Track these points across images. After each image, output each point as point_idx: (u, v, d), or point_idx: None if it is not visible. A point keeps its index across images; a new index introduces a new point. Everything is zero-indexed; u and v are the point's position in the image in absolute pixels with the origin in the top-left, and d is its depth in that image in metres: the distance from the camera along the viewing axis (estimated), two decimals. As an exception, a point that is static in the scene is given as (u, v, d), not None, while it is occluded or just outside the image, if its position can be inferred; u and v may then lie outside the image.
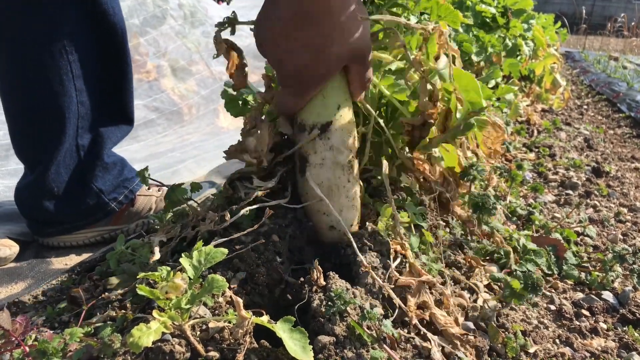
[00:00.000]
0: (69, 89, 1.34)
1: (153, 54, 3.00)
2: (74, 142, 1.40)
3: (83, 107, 1.38)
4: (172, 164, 2.26)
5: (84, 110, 1.39)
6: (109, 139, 1.47)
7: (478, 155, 2.17)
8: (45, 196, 1.40)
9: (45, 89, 1.32)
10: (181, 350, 0.75)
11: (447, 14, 1.34)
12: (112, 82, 1.47)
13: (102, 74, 1.42)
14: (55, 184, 1.39)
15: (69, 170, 1.41)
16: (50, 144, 1.36)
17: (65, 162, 1.40)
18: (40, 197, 1.41)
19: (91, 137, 1.44)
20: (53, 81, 1.31)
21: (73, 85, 1.34)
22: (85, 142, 1.42)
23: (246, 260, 1.00)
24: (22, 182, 1.45)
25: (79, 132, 1.40)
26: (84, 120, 1.40)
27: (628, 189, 2.32)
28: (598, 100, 4.89)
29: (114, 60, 1.44)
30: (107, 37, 1.39)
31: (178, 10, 3.29)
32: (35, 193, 1.41)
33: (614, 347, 1.12)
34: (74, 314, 1.04)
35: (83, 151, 1.42)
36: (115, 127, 1.50)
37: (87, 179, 1.44)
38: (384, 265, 1.03)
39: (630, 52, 9.40)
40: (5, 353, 0.79)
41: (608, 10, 14.10)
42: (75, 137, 1.40)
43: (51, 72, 1.31)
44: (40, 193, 1.40)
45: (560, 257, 1.44)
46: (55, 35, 1.29)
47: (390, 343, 0.87)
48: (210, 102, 3.01)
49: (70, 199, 1.43)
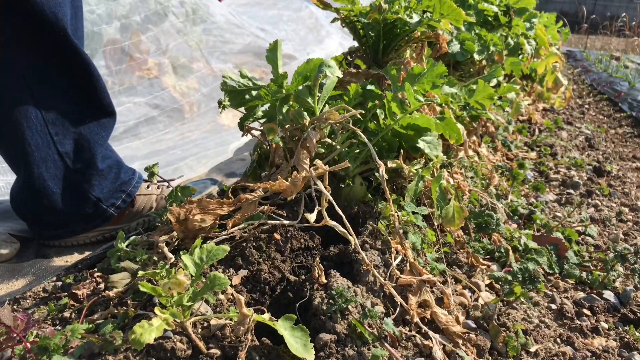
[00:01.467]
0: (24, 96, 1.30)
1: (154, 52, 2.99)
2: (53, 150, 1.36)
3: (50, 112, 1.34)
4: (173, 161, 2.25)
5: (53, 115, 1.35)
6: (96, 142, 1.44)
7: (480, 155, 2.17)
8: (36, 204, 1.38)
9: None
10: (182, 347, 0.75)
11: (450, 12, 1.34)
12: (78, 83, 1.41)
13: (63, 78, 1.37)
14: (44, 194, 1.36)
15: (57, 179, 1.38)
16: (18, 152, 1.34)
17: (49, 171, 1.37)
18: (32, 205, 1.39)
19: (74, 142, 1.40)
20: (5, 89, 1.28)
21: (29, 92, 1.30)
22: (68, 148, 1.39)
23: (248, 258, 1.00)
24: (14, 187, 1.44)
25: (55, 139, 1.36)
26: (57, 125, 1.36)
27: (629, 188, 2.31)
28: (599, 99, 4.88)
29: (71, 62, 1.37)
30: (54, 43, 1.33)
31: (179, 7, 3.29)
32: (25, 200, 1.40)
33: (615, 346, 1.12)
34: (75, 311, 1.04)
35: (69, 159, 1.39)
36: (96, 123, 1.44)
37: (83, 189, 1.42)
38: (385, 263, 1.03)
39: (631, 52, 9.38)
40: (6, 349, 0.79)
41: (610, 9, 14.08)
42: (52, 145, 1.36)
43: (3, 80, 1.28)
44: (30, 201, 1.38)
45: (562, 256, 1.44)
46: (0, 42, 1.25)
47: (392, 341, 0.87)
48: (211, 99, 3.00)
49: (67, 208, 1.41)
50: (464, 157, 1.86)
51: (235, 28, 3.52)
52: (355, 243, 0.97)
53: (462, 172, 1.77)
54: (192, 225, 1.01)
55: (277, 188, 0.98)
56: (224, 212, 1.03)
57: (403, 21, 1.39)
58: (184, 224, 1.03)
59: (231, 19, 3.61)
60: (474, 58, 2.31)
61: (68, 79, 1.39)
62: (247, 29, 3.57)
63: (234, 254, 1.01)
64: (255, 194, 1.03)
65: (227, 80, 1.31)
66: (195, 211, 1.02)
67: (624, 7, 14.48)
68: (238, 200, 1.03)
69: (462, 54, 2.23)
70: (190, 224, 1.01)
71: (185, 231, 1.04)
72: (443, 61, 2.36)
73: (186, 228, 1.03)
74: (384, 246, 1.08)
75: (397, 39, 1.42)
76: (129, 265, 1.07)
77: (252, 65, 3.36)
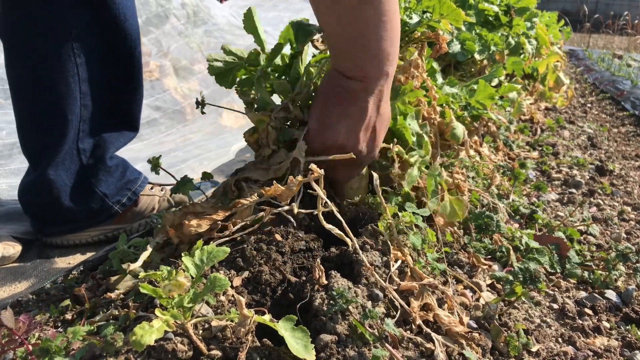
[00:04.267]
0: (74, 91, 1.34)
1: (155, 54, 3.00)
2: (74, 145, 1.40)
3: (86, 110, 1.38)
4: (175, 163, 2.26)
5: (87, 113, 1.39)
6: (112, 144, 1.47)
7: (481, 155, 2.17)
8: (45, 196, 1.40)
9: (50, 89, 1.32)
10: (183, 348, 0.76)
11: (450, 13, 1.34)
12: (120, 88, 1.46)
13: (109, 80, 1.42)
14: (55, 186, 1.39)
15: (70, 173, 1.41)
16: (51, 144, 1.37)
17: (65, 164, 1.39)
18: (41, 197, 1.41)
19: (93, 142, 1.43)
20: (59, 81, 1.32)
21: (78, 87, 1.34)
22: (87, 146, 1.42)
23: (249, 259, 1.00)
24: (25, 180, 1.46)
25: (80, 135, 1.40)
26: (86, 123, 1.40)
27: (632, 187, 2.31)
28: (602, 98, 4.86)
29: (123, 66, 1.44)
30: (116, 43, 1.39)
31: (181, 9, 3.30)
32: (35, 192, 1.42)
33: (617, 346, 1.12)
34: (77, 313, 1.04)
35: (85, 156, 1.42)
36: (119, 133, 1.49)
37: (91, 183, 1.44)
38: (385, 263, 1.03)
39: (634, 50, 9.36)
40: (8, 351, 0.80)
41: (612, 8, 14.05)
42: (75, 141, 1.39)
43: (58, 73, 1.31)
44: (40, 193, 1.40)
45: (563, 255, 1.44)
46: (63, 36, 1.29)
47: (393, 342, 0.87)
48: (212, 101, 3.01)
49: (74, 202, 1.43)
50: (465, 157, 1.85)
51: (237, 29, 3.53)
52: (356, 247, 0.97)
53: (463, 172, 1.77)
54: (187, 230, 1.02)
55: (272, 193, 0.98)
56: (219, 217, 1.03)
57: (403, 22, 1.39)
58: (179, 229, 1.03)
59: (232, 21, 3.61)
60: (474, 58, 2.31)
61: (112, 83, 1.43)
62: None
63: (234, 255, 1.02)
64: (251, 199, 1.04)
65: (213, 63, 1.27)
66: (191, 216, 1.03)
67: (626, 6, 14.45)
68: (234, 206, 1.03)
69: (463, 54, 2.23)
70: (186, 229, 1.01)
71: (181, 236, 1.05)
72: (444, 61, 2.36)
73: (182, 233, 1.03)
74: (384, 247, 1.08)
75: (397, 40, 1.42)
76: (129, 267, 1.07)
77: (254, 67, 3.36)
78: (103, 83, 1.40)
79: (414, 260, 1.10)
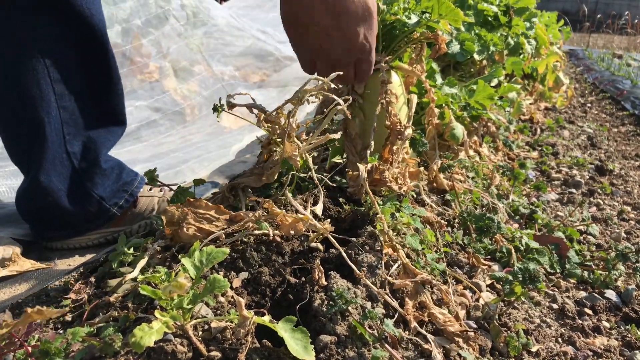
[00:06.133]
0: (47, 93, 1.31)
1: (155, 55, 3.00)
2: (62, 149, 1.37)
3: (66, 112, 1.35)
4: (175, 164, 2.26)
5: (68, 115, 1.36)
6: (103, 145, 1.45)
7: (481, 155, 2.17)
8: (41, 202, 1.38)
9: (21, 93, 1.29)
10: (183, 350, 0.76)
11: (448, 13, 1.34)
12: (97, 84, 1.43)
13: (84, 78, 1.39)
14: (49, 191, 1.37)
15: (63, 177, 1.39)
16: (34, 149, 1.34)
17: (56, 169, 1.37)
18: (36, 203, 1.40)
19: (82, 144, 1.41)
20: (30, 84, 1.29)
21: (52, 88, 1.31)
22: (76, 149, 1.40)
23: (249, 260, 1.00)
24: (20, 187, 1.45)
25: (66, 138, 1.37)
26: (70, 125, 1.37)
27: (632, 187, 2.31)
28: (602, 98, 4.86)
29: (96, 62, 1.40)
30: (85, 40, 1.35)
31: (180, 10, 3.30)
32: (30, 198, 1.41)
33: (617, 345, 1.12)
34: (76, 315, 1.04)
35: (75, 159, 1.40)
36: (106, 129, 1.46)
37: (86, 187, 1.43)
38: (384, 264, 1.03)
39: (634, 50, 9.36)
40: (8, 353, 0.80)
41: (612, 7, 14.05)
42: (63, 144, 1.37)
43: (27, 76, 1.28)
44: (34, 199, 1.39)
45: (563, 255, 1.44)
46: (28, 39, 1.27)
47: (392, 342, 0.87)
48: (212, 102, 3.00)
49: (71, 207, 1.41)
50: (464, 157, 1.86)
51: (236, 31, 3.53)
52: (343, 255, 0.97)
53: (462, 173, 1.77)
54: (185, 235, 1.02)
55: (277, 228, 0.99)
56: (217, 227, 1.03)
57: (402, 22, 1.39)
58: (177, 233, 1.03)
59: (232, 22, 3.61)
60: (474, 58, 2.31)
61: (88, 80, 1.41)
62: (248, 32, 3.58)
63: (234, 256, 1.02)
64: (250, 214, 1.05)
65: None
66: (190, 218, 1.03)
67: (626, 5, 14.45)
68: (234, 217, 1.04)
69: (462, 54, 2.23)
70: (184, 234, 1.02)
71: (179, 240, 1.05)
72: (443, 62, 2.36)
73: (180, 238, 1.04)
74: (382, 248, 1.08)
75: (396, 40, 1.42)
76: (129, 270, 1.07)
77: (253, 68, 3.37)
78: (78, 82, 1.37)
79: (412, 259, 1.10)
